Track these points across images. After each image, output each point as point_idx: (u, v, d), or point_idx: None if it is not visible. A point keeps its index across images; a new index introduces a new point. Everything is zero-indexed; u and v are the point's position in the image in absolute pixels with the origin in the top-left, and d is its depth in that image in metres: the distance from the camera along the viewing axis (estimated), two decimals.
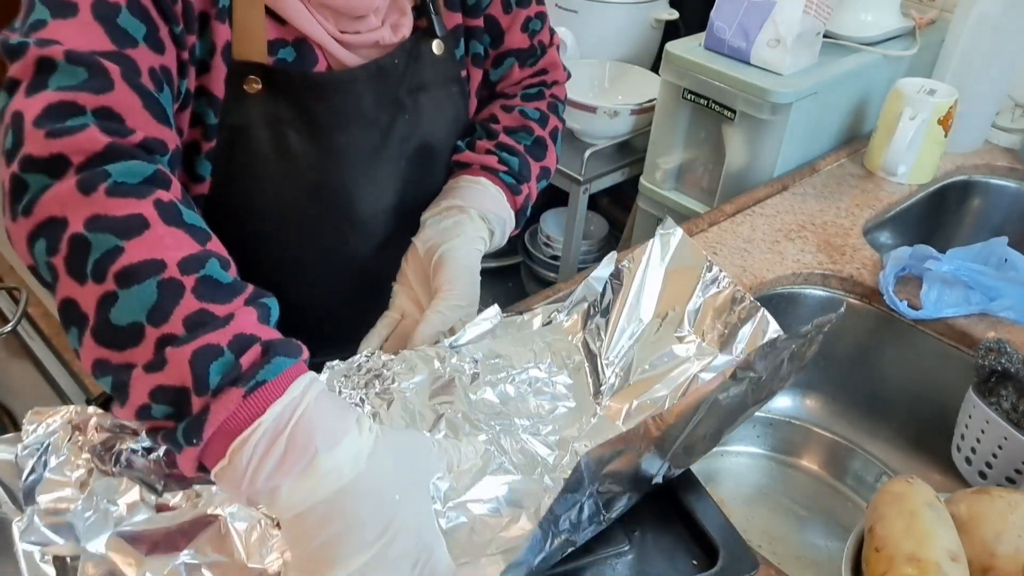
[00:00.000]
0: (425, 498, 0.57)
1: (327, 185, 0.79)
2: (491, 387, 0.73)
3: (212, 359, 0.51)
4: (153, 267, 0.52)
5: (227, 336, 0.52)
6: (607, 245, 1.93)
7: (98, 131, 0.55)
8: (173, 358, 0.51)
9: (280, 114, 0.74)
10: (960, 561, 0.65)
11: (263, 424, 0.51)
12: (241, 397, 0.51)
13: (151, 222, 0.54)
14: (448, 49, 0.84)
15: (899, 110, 1.23)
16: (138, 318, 0.51)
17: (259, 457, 0.51)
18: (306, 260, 0.84)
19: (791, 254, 1.12)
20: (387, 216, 0.85)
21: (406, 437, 0.59)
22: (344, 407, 0.55)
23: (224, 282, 0.54)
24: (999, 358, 0.85)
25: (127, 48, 0.59)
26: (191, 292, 0.52)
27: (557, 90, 0.98)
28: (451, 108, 0.87)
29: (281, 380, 0.52)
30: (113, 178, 0.54)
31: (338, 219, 0.82)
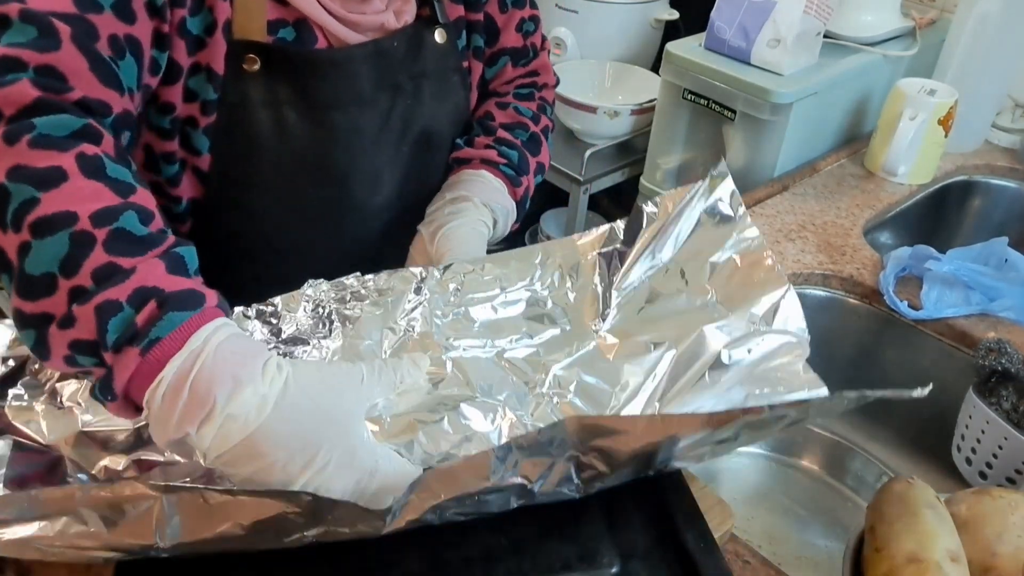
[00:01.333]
0: (351, 426, 0.57)
1: (325, 165, 0.79)
2: (471, 306, 0.71)
3: (112, 315, 0.52)
4: (66, 219, 0.53)
5: (127, 290, 0.53)
6: None
7: (30, 84, 0.56)
8: (80, 314, 0.52)
9: (278, 93, 0.74)
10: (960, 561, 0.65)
11: (164, 379, 0.52)
12: (139, 355, 0.52)
13: (70, 174, 0.54)
14: (450, 39, 0.85)
15: (899, 110, 1.23)
16: (51, 268, 0.53)
17: (167, 409, 0.52)
18: (304, 242, 0.84)
19: (791, 254, 1.12)
20: (386, 202, 0.86)
21: (325, 372, 0.58)
22: (251, 354, 0.55)
23: (137, 234, 0.55)
24: (999, 358, 0.85)
25: (89, 13, 0.60)
26: (101, 245, 0.53)
27: (547, 93, 1.00)
28: (452, 97, 0.88)
29: (178, 334, 0.53)
30: (38, 130, 0.55)
31: (336, 201, 0.82)
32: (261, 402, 0.53)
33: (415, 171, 0.87)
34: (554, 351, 0.70)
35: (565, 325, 0.72)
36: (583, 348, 0.70)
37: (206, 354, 0.53)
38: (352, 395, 0.58)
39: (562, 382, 0.68)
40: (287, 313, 0.69)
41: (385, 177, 0.84)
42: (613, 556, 0.65)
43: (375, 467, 0.56)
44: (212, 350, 0.53)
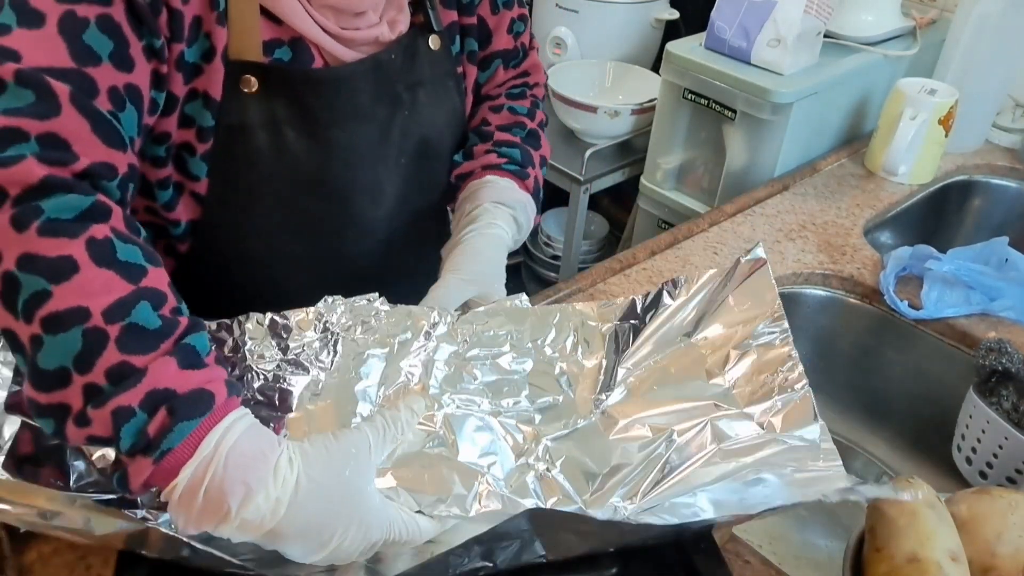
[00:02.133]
0: (363, 503, 0.58)
1: (325, 181, 0.79)
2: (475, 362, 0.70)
3: (124, 420, 0.53)
4: (79, 315, 0.53)
5: (140, 394, 0.53)
6: (607, 245, 1.93)
7: (36, 162, 0.55)
8: (96, 417, 0.53)
9: (277, 112, 0.74)
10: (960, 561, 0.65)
11: (179, 485, 0.53)
12: (151, 464, 0.53)
13: (80, 264, 0.54)
14: (444, 45, 0.85)
15: (900, 110, 1.23)
16: (64, 363, 0.53)
17: (184, 509, 0.54)
18: (305, 257, 0.84)
19: (792, 254, 1.12)
20: (387, 214, 0.85)
21: (332, 454, 0.58)
22: (260, 452, 0.55)
23: (150, 328, 0.55)
24: (1000, 358, 0.85)
25: (87, 66, 0.59)
26: (114, 342, 0.53)
27: (537, 91, 1.00)
28: (448, 104, 0.87)
29: (189, 442, 0.54)
30: (47, 215, 0.54)
31: (337, 216, 0.82)
32: (275, 504, 0.54)
33: (415, 181, 0.86)
34: (552, 420, 0.68)
35: (568, 394, 0.70)
36: (581, 422, 0.69)
37: (217, 461, 0.54)
38: (361, 470, 0.59)
39: (552, 454, 0.66)
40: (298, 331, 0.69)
41: (385, 189, 0.84)
42: (613, 557, 0.65)
43: (388, 534, 0.58)
44: (223, 456, 0.54)
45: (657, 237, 1.13)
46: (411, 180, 0.86)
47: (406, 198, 0.86)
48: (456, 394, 0.67)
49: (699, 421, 0.67)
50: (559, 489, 0.63)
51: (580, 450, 0.66)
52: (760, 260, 0.74)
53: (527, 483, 0.63)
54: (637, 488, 0.64)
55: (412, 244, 0.89)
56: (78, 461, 0.62)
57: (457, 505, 0.61)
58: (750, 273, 0.74)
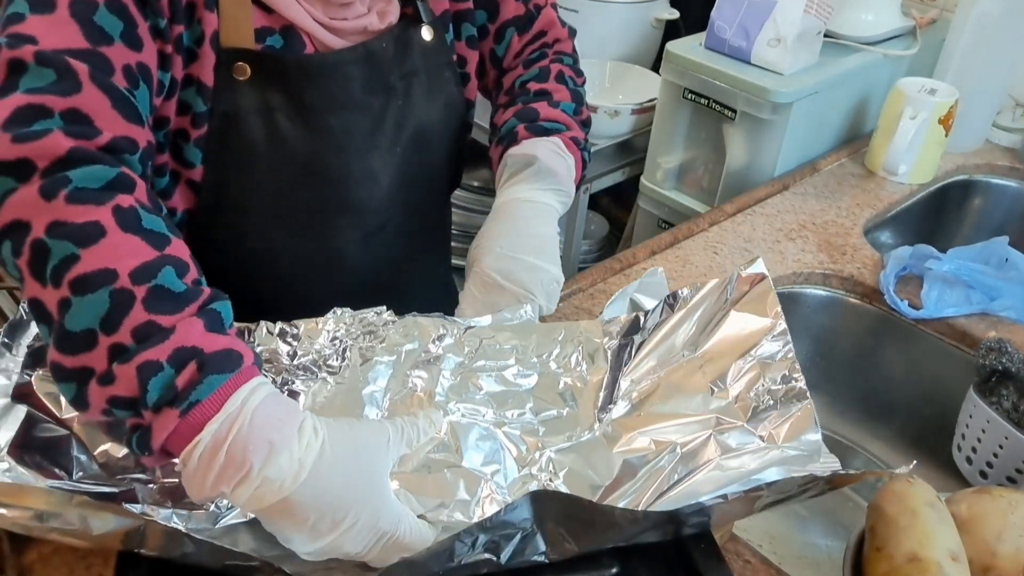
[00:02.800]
0: (379, 488, 0.58)
1: (319, 170, 0.79)
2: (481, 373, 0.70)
3: (152, 374, 0.53)
4: (106, 276, 0.54)
5: (168, 350, 0.53)
6: (607, 245, 1.92)
7: (62, 135, 0.56)
8: (121, 373, 0.53)
9: (270, 99, 0.74)
10: (961, 560, 0.65)
11: (202, 441, 0.53)
12: (178, 417, 0.53)
13: (108, 229, 0.55)
14: (438, 35, 0.84)
15: (900, 110, 1.23)
16: (91, 325, 0.53)
17: (203, 469, 0.53)
18: (300, 247, 0.84)
19: (792, 254, 1.12)
20: (382, 203, 0.85)
21: (356, 433, 0.59)
22: (286, 417, 0.56)
23: (176, 291, 0.56)
24: (1000, 358, 0.85)
25: (101, 46, 0.61)
26: (141, 302, 0.54)
27: (560, 46, 0.97)
28: (443, 94, 0.87)
29: (216, 397, 0.54)
30: (74, 184, 0.55)
31: (332, 205, 0.82)
32: (298, 467, 0.54)
33: (411, 170, 0.86)
34: (555, 433, 0.68)
35: (572, 408, 0.70)
36: (585, 435, 0.69)
37: (243, 418, 0.54)
38: (381, 457, 0.59)
39: (555, 465, 0.66)
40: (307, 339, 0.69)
41: (380, 179, 0.84)
42: (613, 556, 0.65)
43: (396, 529, 0.58)
44: (249, 414, 0.54)
45: (657, 237, 1.13)
46: (406, 170, 0.86)
47: (402, 187, 0.86)
48: (461, 403, 0.68)
49: (702, 435, 0.68)
50: None
51: (583, 462, 0.66)
52: (760, 275, 0.74)
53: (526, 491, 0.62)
54: (639, 499, 0.64)
55: (410, 233, 0.89)
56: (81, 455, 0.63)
57: (460, 510, 0.61)
58: (751, 287, 0.74)
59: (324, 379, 0.68)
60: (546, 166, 0.83)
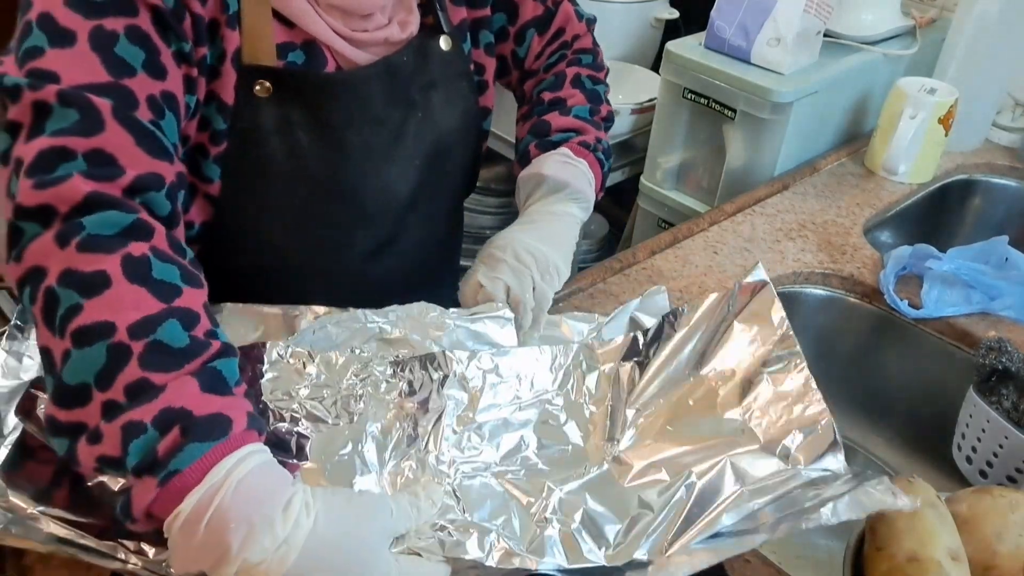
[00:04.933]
0: (381, 564, 0.54)
1: (339, 185, 0.78)
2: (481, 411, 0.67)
3: (135, 436, 0.51)
4: (105, 330, 0.53)
5: (154, 411, 0.51)
6: (607, 245, 1.92)
7: (82, 179, 0.55)
8: (107, 431, 0.51)
9: (291, 116, 0.73)
10: (961, 560, 0.65)
11: (182, 514, 0.51)
12: (156, 486, 0.51)
13: (113, 280, 0.54)
14: (455, 44, 0.84)
15: (900, 109, 1.23)
16: (86, 379, 0.52)
17: (183, 544, 0.51)
18: (316, 259, 0.83)
19: (792, 253, 1.12)
20: (400, 217, 0.85)
21: (354, 507, 0.56)
22: (272, 493, 0.52)
23: (175, 346, 0.54)
24: (1000, 357, 0.85)
25: (124, 78, 0.60)
26: (136, 359, 0.52)
27: (580, 43, 0.96)
28: (461, 104, 0.87)
29: (198, 467, 0.51)
30: (87, 231, 0.54)
31: (350, 220, 0.82)
32: (285, 549, 0.51)
33: (428, 183, 0.86)
34: (562, 471, 0.65)
35: (577, 443, 0.67)
36: (594, 470, 0.65)
37: (225, 490, 0.51)
38: (383, 528, 0.56)
39: (567, 508, 0.62)
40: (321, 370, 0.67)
41: (399, 193, 0.83)
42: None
43: None
44: (232, 486, 0.51)
45: (657, 237, 1.13)
46: (425, 183, 0.85)
47: (420, 201, 0.86)
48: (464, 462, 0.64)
49: (718, 460, 0.63)
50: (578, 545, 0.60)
51: (596, 501, 0.63)
52: (761, 282, 0.71)
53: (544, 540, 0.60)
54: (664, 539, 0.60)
55: (423, 241, 0.89)
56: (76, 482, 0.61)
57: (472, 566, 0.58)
58: (752, 296, 0.71)
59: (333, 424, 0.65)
60: (555, 180, 0.84)
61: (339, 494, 0.56)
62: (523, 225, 0.83)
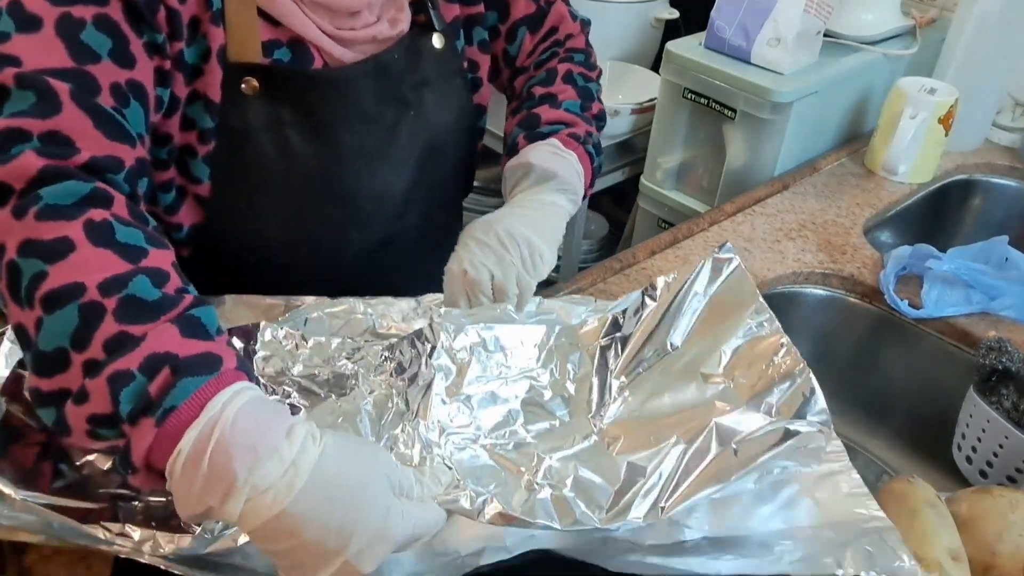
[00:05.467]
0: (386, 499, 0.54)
1: (331, 185, 0.78)
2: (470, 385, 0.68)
3: (124, 385, 0.50)
4: (74, 290, 0.52)
5: (139, 358, 0.51)
6: (607, 245, 1.93)
7: (34, 155, 0.55)
8: (93, 388, 0.51)
9: (279, 114, 0.73)
10: (961, 560, 0.65)
11: (182, 451, 0.50)
12: (154, 426, 0.50)
13: (77, 244, 0.53)
14: (448, 43, 0.84)
15: (900, 109, 1.23)
16: (62, 343, 0.51)
17: (187, 481, 0.50)
18: (310, 259, 0.83)
19: (792, 253, 1.12)
20: (393, 215, 0.85)
21: (361, 444, 0.56)
22: (273, 420, 0.52)
23: (149, 300, 0.53)
24: (1000, 357, 0.85)
25: (87, 64, 0.59)
26: (111, 314, 0.52)
27: (573, 42, 0.95)
28: (455, 102, 0.87)
29: (193, 401, 0.50)
30: (44, 201, 0.54)
31: (342, 219, 0.81)
32: (292, 473, 0.50)
33: (423, 182, 0.86)
34: (551, 442, 0.66)
35: (564, 417, 0.68)
36: (582, 442, 0.66)
37: (224, 422, 0.50)
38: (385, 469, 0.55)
39: (557, 475, 0.63)
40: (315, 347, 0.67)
41: (393, 191, 0.83)
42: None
43: (410, 535, 0.54)
44: (231, 417, 0.50)
45: (657, 237, 1.13)
46: (419, 181, 0.85)
47: (414, 199, 0.85)
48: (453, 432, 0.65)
49: (704, 422, 0.65)
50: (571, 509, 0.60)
51: (587, 469, 0.64)
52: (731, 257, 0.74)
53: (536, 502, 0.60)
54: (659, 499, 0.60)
55: (424, 247, 0.88)
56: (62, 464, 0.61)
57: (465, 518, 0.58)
58: (724, 270, 0.74)
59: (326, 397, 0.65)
60: (542, 169, 0.81)
61: (345, 435, 0.56)
62: (508, 210, 0.80)
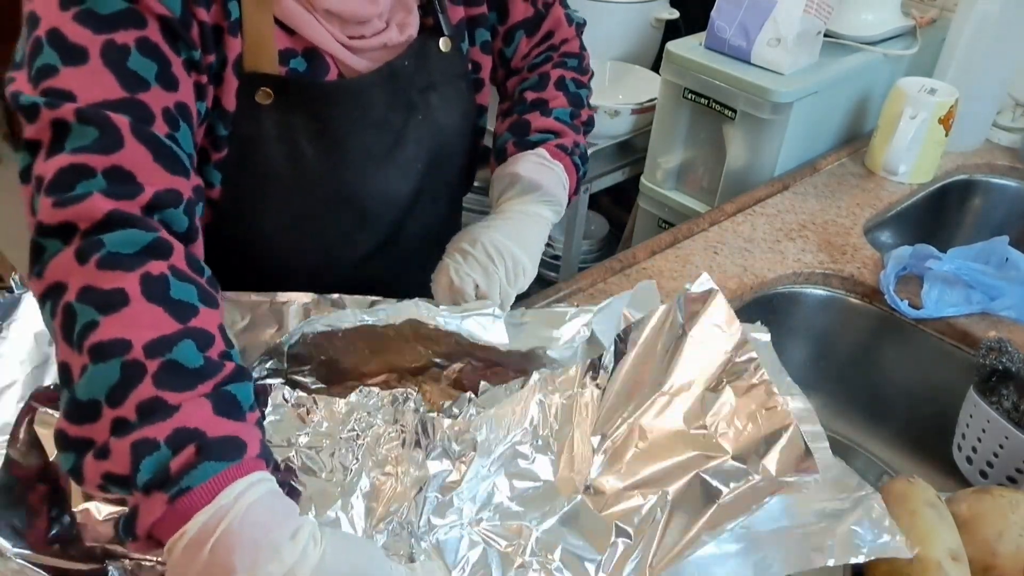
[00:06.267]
0: None
1: (338, 190, 0.78)
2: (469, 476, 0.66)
3: (147, 453, 0.50)
4: (120, 347, 0.52)
5: (167, 429, 0.51)
6: (607, 245, 1.93)
7: (101, 197, 0.56)
8: (116, 448, 0.51)
9: (293, 123, 0.74)
10: (961, 560, 0.65)
11: (187, 533, 0.49)
12: (166, 503, 0.50)
13: (131, 298, 0.54)
14: (454, 45, 0.84)
15: (900, 109, 1.23)
16: (98, 396, 0.52)
17: (185, 563, 0.50)
18: (316, 262, 0.83)
19: (792, 253, 1.12)
20: (399, 219, 0.85)
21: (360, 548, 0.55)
22: (280, 520, 0.51)
23: (190, 367, 0.53)
24: (1000, 357, 0.85)
25: (139, 92, 0.60)
26: (151, 377, 0.52)
27: (567, 47, 0.96)
28: (460, 104, 0.87)
29: (210, 486, 0.50)
30: (107, 248, 0.55)
31: (350, 224, 0.82)
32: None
33: (429, 185, 0.86)
34: (536, 508, 0.64)
35: (548, 477, 0.66)
36: (568, 503, 0.65)
37: (234, 514, 0.50)
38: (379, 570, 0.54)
39: (546, 546, 0.62)
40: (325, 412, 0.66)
41: (400, 194, 0.83)
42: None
43: None
44: (243, 509, 0.50)
45: (657, 237, 1.13)
46: (425, 183, 0.85)
47: (420, 203, 0.86)
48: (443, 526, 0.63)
49: (689, 475, 0.63)
50: None
51: (573, 535, 0.63)
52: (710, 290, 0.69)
53: None
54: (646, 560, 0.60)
55: (425, 246, 0.88)
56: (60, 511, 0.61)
57: None
58: (703, 305, 0.69)
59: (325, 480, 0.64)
60: (529, 180, 0.84)
61: (346, 535, 0.56)
62: (494, 221, 0.83)
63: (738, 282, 1.05)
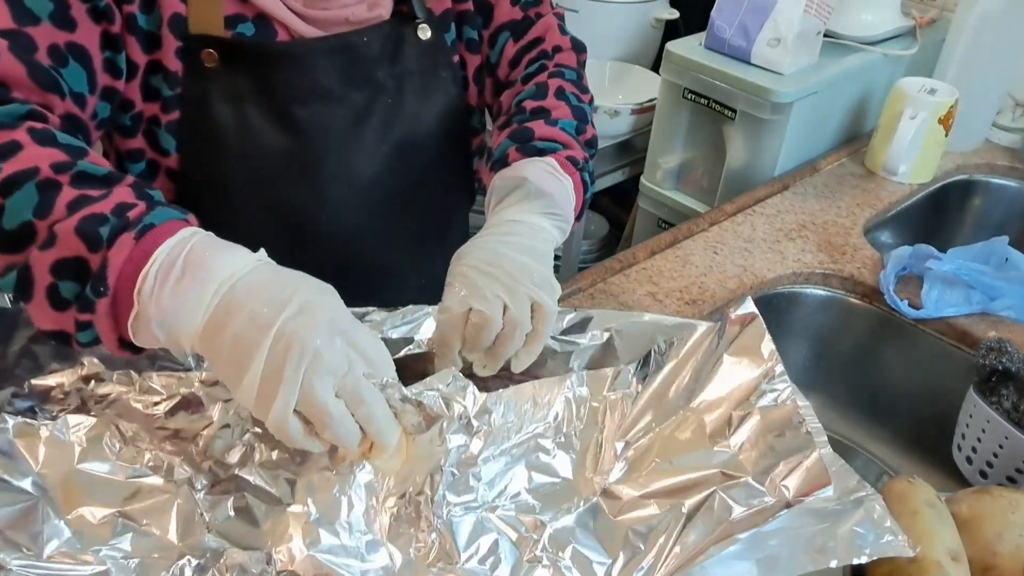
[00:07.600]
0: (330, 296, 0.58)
1: (294, 163, 0.78)
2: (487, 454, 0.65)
3: (98, 224, 0.55)
4: (29, 174, 0.57)
5: (109, 206, 0.56)
6: (607, 245, 1.93)
7: None
8: (62, 231, 0.55)
9: (239, 88, 0.75)
10: (961, 560, 0.64)
11: (158, 258, 0.55)
12: (133, 240, 0.55)
13: (24, 144, 0.58)
14: (437, 34, 0.84)
15: (900, 109, 1.23)
16: (26, 217, 0.56)
17: (160, 282, 0.54)
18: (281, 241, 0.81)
19: (792, 253, 1.12)
20: (364, 200, 0.84)
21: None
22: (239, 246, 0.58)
23: (99, 174, 0.59)
24: (1000, 357, 0.85)
25: (26, 26, 0.64)
26: (68, 185, 0.57)
27: (562, 57, 0.90)
28: (441, 96, 0.86)
29: (168, 225, 0.56)
30: None
31: (311, 199, 0.81)
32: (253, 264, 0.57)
33: (400, 171, 0.85)
34: (553, 505, 0.65)
35: (567, 475, 0.67)
36: (584, 504, 0.65)
37: (195, 239, 0.56)
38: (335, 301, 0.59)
39: (556, 544, 0.62)
40: None
41: (362, 176, 0.82)
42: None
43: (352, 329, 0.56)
44: (202, 236, 0.57)
45: (657, 237, 1.13)
46: (394, 170, 0.84)
47: (389, 187, 0.85)
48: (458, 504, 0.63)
49: (707, 492, 0.62)
50: None
51: (586, 536, 0.63)
52: (751, 315, 0.69)
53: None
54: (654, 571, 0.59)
55: (398, 237, 0.88)
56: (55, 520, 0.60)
57: None
58: (742, 328, 0.69)
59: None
60: (536, 187, 0.73)
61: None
62: (503, 236, 0.71)
63: (738, 282, 1.05)
